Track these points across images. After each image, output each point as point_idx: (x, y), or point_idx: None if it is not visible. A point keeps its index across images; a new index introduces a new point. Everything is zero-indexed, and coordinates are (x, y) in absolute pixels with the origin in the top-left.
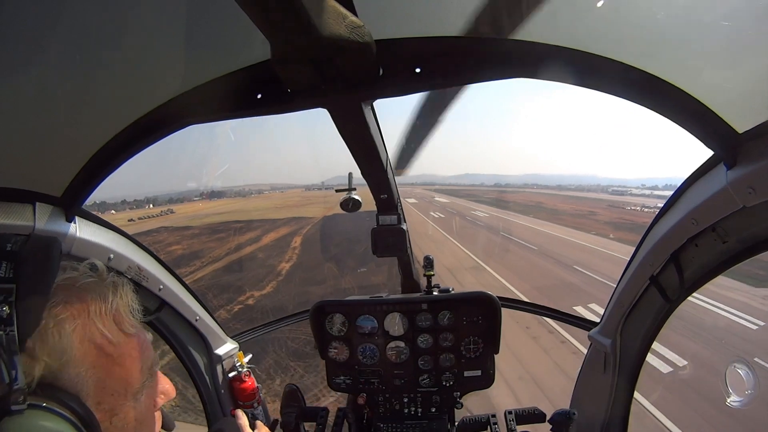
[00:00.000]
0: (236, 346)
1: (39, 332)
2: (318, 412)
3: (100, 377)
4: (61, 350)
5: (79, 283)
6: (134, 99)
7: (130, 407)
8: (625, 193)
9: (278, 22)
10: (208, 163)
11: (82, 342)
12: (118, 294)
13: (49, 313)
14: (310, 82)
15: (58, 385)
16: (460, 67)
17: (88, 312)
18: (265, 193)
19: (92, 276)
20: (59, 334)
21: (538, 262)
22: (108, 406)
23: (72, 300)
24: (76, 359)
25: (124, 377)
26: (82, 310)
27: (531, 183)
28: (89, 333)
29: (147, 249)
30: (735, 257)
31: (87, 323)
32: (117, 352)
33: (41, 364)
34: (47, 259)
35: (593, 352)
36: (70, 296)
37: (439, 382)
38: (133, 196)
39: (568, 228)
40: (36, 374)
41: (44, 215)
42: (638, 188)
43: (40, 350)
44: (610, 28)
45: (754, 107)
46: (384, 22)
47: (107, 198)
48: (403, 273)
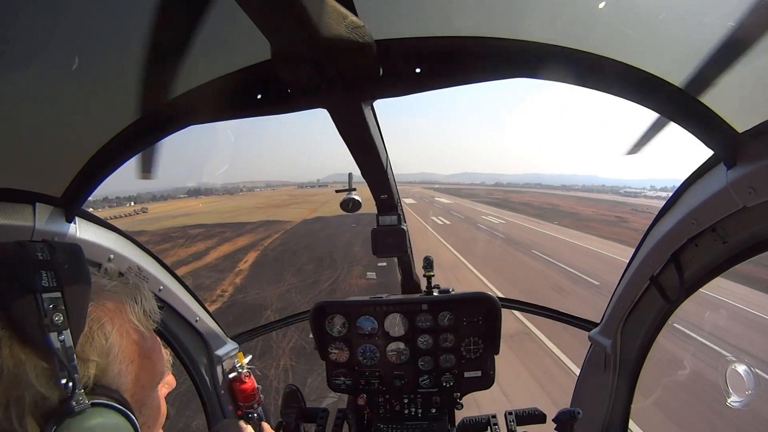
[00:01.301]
0: (236, 347)
1: (85, 335)
2: (318, 413)
3: (136, 371)
4: (108, 349)
5: (108, 287)
6: (134, 99)
7: (153, 398)
8: (639, 195)
9: (278, 22)
10: (205, 161)
11: (122, 339)
12: (142, 294)
13: (91, 317)
14: (310, 82)
15: (104, 383)
16: (460, 67)
17: (123, 312)
18: (257, 190)
19: (111, 279)
20: (105, 335)
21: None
22: (139, 398)
23: (107, 303)
24: (119, 357)
25: (153, 370)
26: (118, 310)
27: (534, 183)
28: (127, 330)
29: (147, 249)
30: (735, 257)
31: (124, 322)
32: (147, 346)
33: (93, 365)
34: (81, 265)
35: (593, 352)
36: (104, 299)
37: (440, 382)
38: (117, 193)
39: (606, 240)
40: (90, 374)
41: (44, 215)
42: (650, 190)
43: (90, 352)
44: (610, 28)
45: (754, 107)
46: (384, 22)
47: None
48: (403, 273)
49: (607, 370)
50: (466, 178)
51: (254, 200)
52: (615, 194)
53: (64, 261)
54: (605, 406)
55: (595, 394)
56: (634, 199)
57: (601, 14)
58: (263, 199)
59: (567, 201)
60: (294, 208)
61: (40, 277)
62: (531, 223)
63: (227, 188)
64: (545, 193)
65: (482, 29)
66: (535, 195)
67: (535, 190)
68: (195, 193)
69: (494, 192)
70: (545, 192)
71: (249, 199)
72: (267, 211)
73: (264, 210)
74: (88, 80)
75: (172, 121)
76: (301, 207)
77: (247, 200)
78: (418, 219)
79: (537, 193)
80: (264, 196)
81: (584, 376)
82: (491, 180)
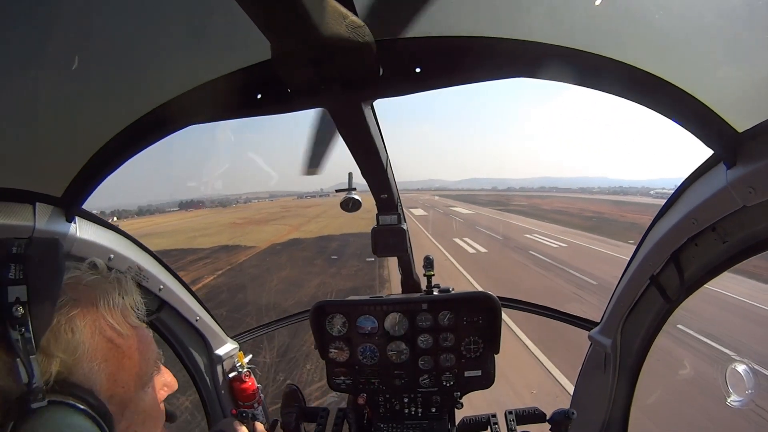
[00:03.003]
0: (236, 347)
1: (52, 330)
2: (318, 413)
3: (111, 371)
4: (75, 346)
5: (84, 281)
6: (134, 99)
7: (139, 399)
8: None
9: (278, 22)
10: (204, 171)
11: (93, 336)
12: (123, 289)
13: (60, 312)
14: (310, 82)
15: (72, 380)
16: (460, 67)
17: (96, 307)
18: (255, 201)
19: (95, 274)
20: (72, 330)
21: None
22: (119, 399)
23: (80, 297)
24: (89, 354)
25: (134, 369)
26: (91, 305)
27: (548, 186)
28: (100, 327)
29: (147, 249)
30: (735, 257)
31: (97, 318)
32: (126, 344)
33: (57, 361)
34: (54, 259)
35: (593, 352)
36: (77, 294)
37: (440, 382)
38: (103, 208)
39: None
40: (53, 371)
41: (44, 215)
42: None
43: (55, 347)
44: (610, 28)
45: (754, 107)
46: (384, 22)
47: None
48: (404, 273)
49: (606, 369)
50: (474, 184)
51: (239, 214)
52: (644, 196)
53: (36, 255)
54: (605, 405)
55: (595, 394)
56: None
57: (601, 14)
58: (250, 213)
59: (605, 206)
60: (275, 224)
61: (7, 270)
62: (605, 245)
63: (220, 201)
64: (572, 198)
65: (482, 29)
66: (564, 200)
67: (559, 195)
68: (187, 205)
69: (514, 198)
70: (568, 196)
71: (235, 213)
72: (240, 229)
73: (238, 228)
74: (88, 80)
75: (172, 120)
76: (284, 223)
77: (232, 214)
78: (435, 244)
79: (563, 198)
80: (254, 209)
81: (584, 375)
82: (502, 185)
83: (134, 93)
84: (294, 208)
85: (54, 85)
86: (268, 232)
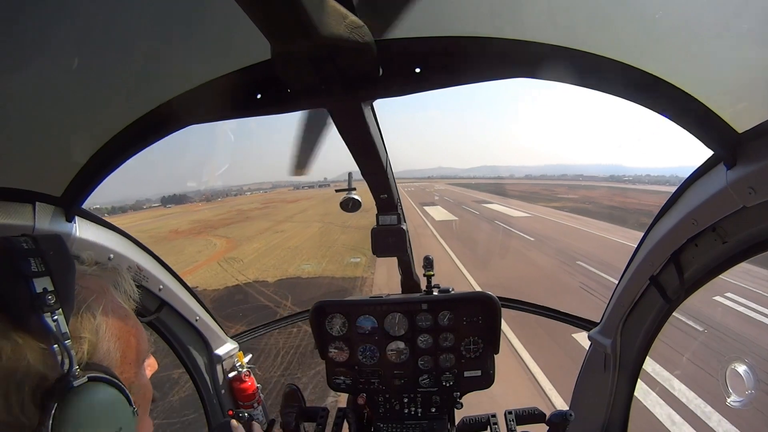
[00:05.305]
0: (236, 347)
1: (75, 315)
2: (318, 413)
3: (123, 349)
4: (97, 327)
5: (89, 272)
6: (134, 99)
7: (141, 376)
8: None
9: (278, 22)
10: (204, 167)
11: (107, 318)
12: (121, 277)
13: (78, 298)
14: (310, 82)
15: (96, 359)
16: (460, 67)
17: (105, 291)
18: (248, 194)
19: (93, 266)
20: (91, 314)
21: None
22: (127, 376)
23: (90, 285)
24: (107, 334)
25: (138, 347)
26: (101, 291)
27: (572, 174)
28: (112, 308)
29: (147, 249)
30: (735, 257)
31: (108, 302)
32: (131, 323)
33: (86, 342)
34: (66, 252)
35: (593, 352)
36: (87, 283)
37: (439, 382)
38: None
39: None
40: (84, 350)
41: (44, 215)
42: None
43: (82, 330)
44: (610, 28)
45: (754, 107)
46: (384, 22)
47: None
48: (403, 273)
49: (606, 370)
50: (487, 171)
51: (207, 214)
52: (673, 186)
53: (49, 249)
54: (605, 406)
55: (595, 394)
56: None
57: (601, 14)
58: (222, 211)
59: (653, 198)
60: (236, 228)
61: (29, 264)
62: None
63: (206, 196)
64: (608, 187)
65: (482, 29)
66: (606, 191)
67: (595, 184)
68: (169, 200)
69: (543, 190)
70: (601, 185)
71: (209, 212)
72: (167, 244)
73: (184, 237)
74: (88, 80)
75: (172, 120)
76: (246, 227)
77: (198, 214)
78: (463, 274)
79: (603, 188)
80: (229, 205)
81: (584, 375)
82: (519, 172)
83: (134, 93)
84: (276, 203)
85: (54, 86)
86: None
